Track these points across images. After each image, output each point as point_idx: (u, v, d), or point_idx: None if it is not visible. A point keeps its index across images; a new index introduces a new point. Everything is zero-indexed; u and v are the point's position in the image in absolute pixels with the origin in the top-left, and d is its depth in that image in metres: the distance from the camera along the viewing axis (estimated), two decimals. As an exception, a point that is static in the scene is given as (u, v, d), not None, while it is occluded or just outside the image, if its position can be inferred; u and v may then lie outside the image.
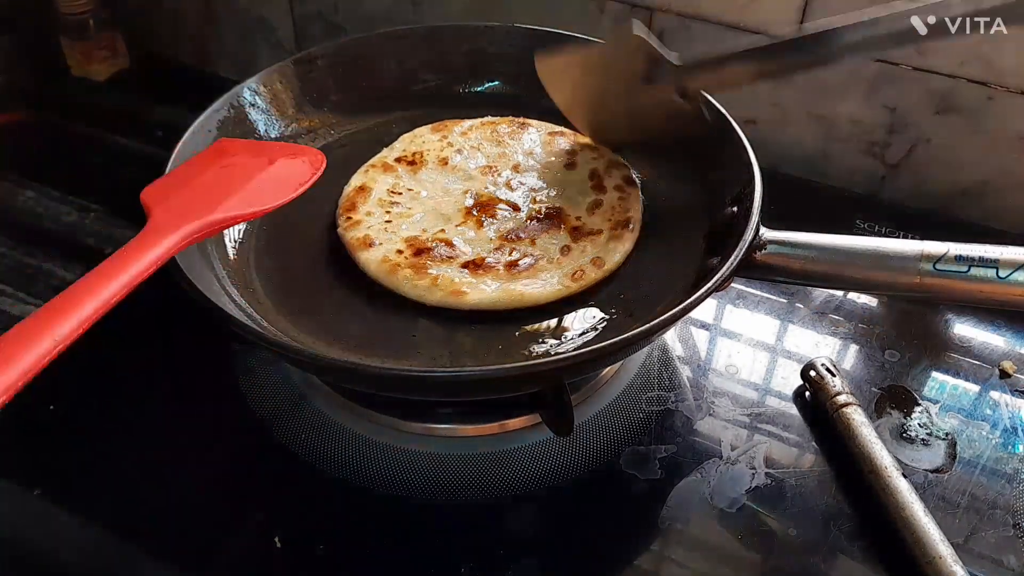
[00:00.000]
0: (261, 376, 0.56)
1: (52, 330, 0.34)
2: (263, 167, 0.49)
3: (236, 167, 0.48)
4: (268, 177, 0.48)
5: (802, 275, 0.49)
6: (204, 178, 0.46)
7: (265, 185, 0.47)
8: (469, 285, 0.51)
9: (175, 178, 0.46)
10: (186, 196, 0.44)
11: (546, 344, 0.50)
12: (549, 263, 0.53)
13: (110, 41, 0.92)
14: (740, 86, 0.56)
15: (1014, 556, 0.47)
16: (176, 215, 0.42)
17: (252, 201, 0.46)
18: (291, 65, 0.65)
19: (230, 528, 0.49)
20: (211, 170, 0.47)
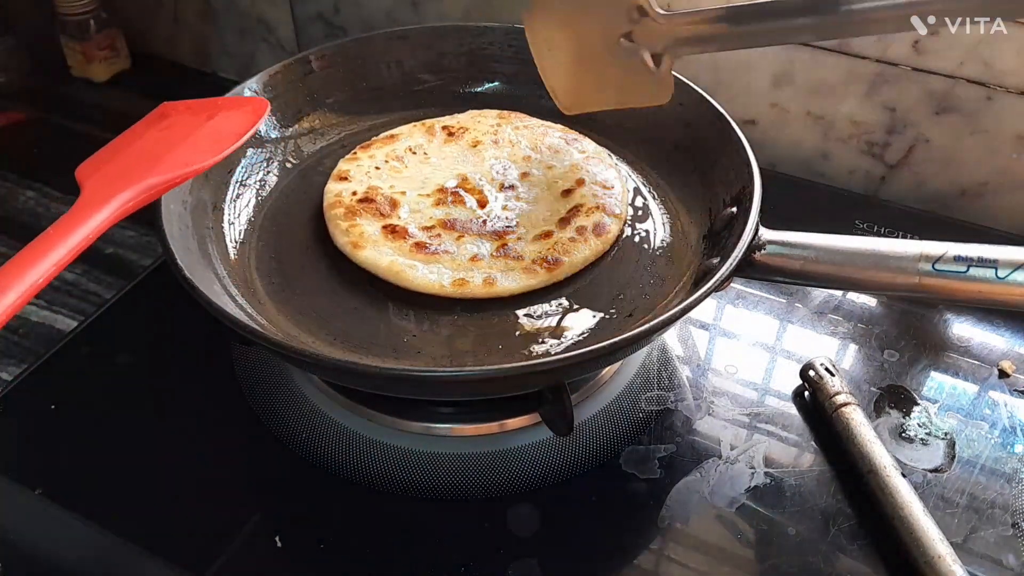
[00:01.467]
0: (261, 375, 0.56)
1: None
2: (201, 124, 0.46)
3: (174, 127, 0.45)
4: (207, 133, 0.45)
5: (801, 275, 0.49)
6: (140, 144, 0.44)
7: (203, 141, 0.44)
8: (372, 244, 0.53)
9: (111, 149, 0.43)
10: (119, 165, 0.42)
11: (546, 344, 0.50)
12: (452, 260, 0.53)
13: (110, 41, 0.92)
14: (725, 48, 0.53)
15: (1013, 556, 0.47)
16: (109, 186, 0.40)
17: (189, 159, 0.43)
18: (291, 65, 0.65)
19: (230, 528, 0.49)
20: (148, 134, 0.45)
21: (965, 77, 0.66)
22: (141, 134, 0.45)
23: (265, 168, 0.62)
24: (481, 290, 0.51)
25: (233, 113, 0.48)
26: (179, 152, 0.43)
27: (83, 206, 0.39)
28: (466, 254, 0.54)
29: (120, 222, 0.45)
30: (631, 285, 0.54)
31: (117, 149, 0.44)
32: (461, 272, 0.52)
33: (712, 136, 0.58)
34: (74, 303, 0.65)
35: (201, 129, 0.45)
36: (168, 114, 0.48)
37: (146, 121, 0.47)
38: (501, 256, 0.53)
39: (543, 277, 0.52)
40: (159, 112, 0.48)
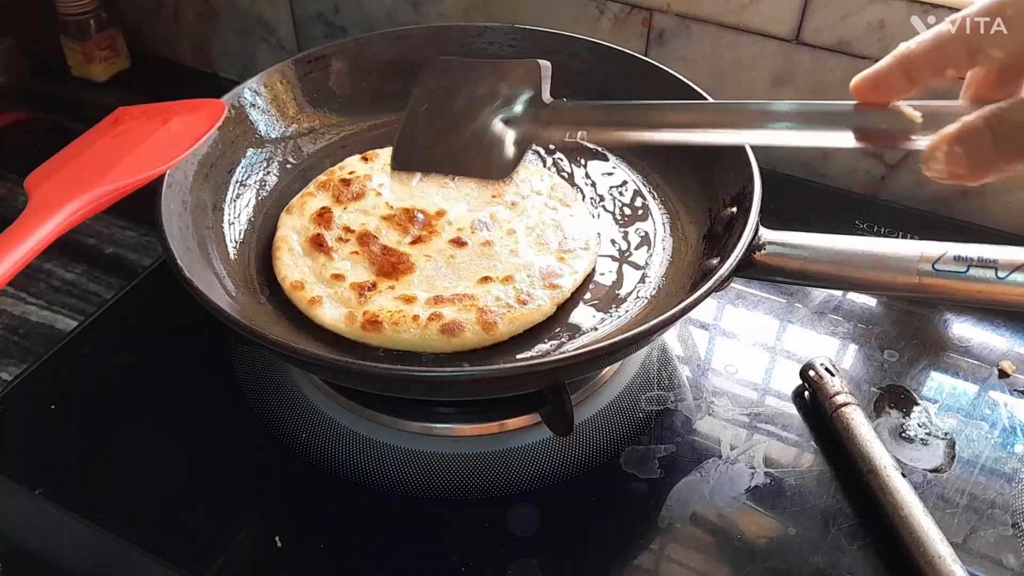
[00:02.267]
0: (262, 376, 0.56)
1: None
2: (156, 128, 0.45)
3: (127, 133, 0.44)
4: (161, 138, 0.44)
5: (801, 275, 0.49)
6: (91, 152, 0.42)
7: (158, 146, 0.43)
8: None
9: (61, 157, 0.42)
10: (69, 173, 0.41)
11: (546, 344, 0.50)
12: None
13: (110, 41, 0.92)
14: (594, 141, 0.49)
15: (1013, 556, 0.47)
16: (58, 194, 0.39)
17: (142, 166, 0.42)
18: (291, 65, 0.65)
19: (230, 528, 0.49)
20: (100, 142, 0.43)
21: (965, 77, 0.66)
22: (93, 141, 0.44)
23: (265, 168, 0.62)
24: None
25: (189, 117, 0.47)
26: (131, 159, 0.42)
27: (30, 216, 0.38)
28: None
29: (120, 222, 0.44)
30: (630, 285, 0.54)
31: (68, 157, 0.43)
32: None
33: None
34: (74, 303, 0.65)
35: (155, 135, 0.44)
36: (122, 120, 0.46)
37: (99, 128, 0.46)
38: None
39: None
40: (113, 118, 0.46)
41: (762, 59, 0.72)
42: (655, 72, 0.62)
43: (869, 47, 0.68)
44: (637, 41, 0.76)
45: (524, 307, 0.50)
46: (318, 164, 0.64)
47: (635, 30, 0.75)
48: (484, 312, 0.49)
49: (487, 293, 0.51)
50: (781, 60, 0.71)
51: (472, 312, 0.50)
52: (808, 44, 0.70)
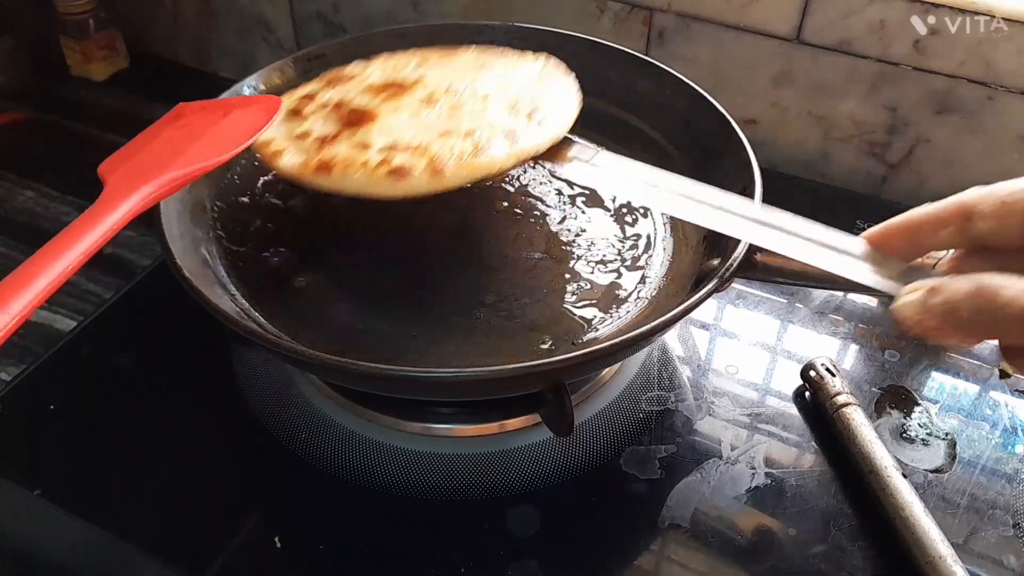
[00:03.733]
0: (261, 376, 0.56)
1: (6, 306, 0.34)
2: (216, 121, 0.47)
3: (190, 125, 0.47)
4: (222, 129, 0.47)
5: (802, 276, 0.49)
6: (158, 141, 0.45)
7: (220, 137, 0.46)
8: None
9: (131, 147, 0.45)
10: (140, 161, 0.43)
11: (546, 344, 0.50)
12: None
13: (110, 41, 0.92)
14: None
15: (1014, 556, 0.47)
16: (131, 180, 0.42)
17: (207, 154, 0.44)
18: (290, 63, 0.65)
19: (230, 528, 0.49)
20: (165, 132, 0.46)
21: (966, 77, 0.66)
22: (158, 132, 0.47)
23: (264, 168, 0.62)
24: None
25: (247, 111, 0.49)
26: (197, 147, 0.45)
27: (108, 199, 0.41)
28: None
29: None
30: (630, 286, 0.54)
31: (137, 147, 0.46)
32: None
33: (712, 135, 0.58)
34: (73, 303, 0.65)
35: (217, 126, 0.47)
36: (183, 114, 0.50)
37: (163, 121, 0.49)
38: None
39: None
40: (175, 112, 0.50)
41: (763, 58, 0.72)
42: (655, 71, 0.62)
43: (870, 47, 0.68)
44: (637, 40, 0.76)
45: (477, 157, 0.47)
46: (318, 164, 0.64)
47: (635, 29, 0.75)
48: (435, 159, 0.47)
49: (444, 143, 0.48)
50: (782, 60, 0.71)
51: (423, 158, 0.47)
52: (809, 44, 0.70)
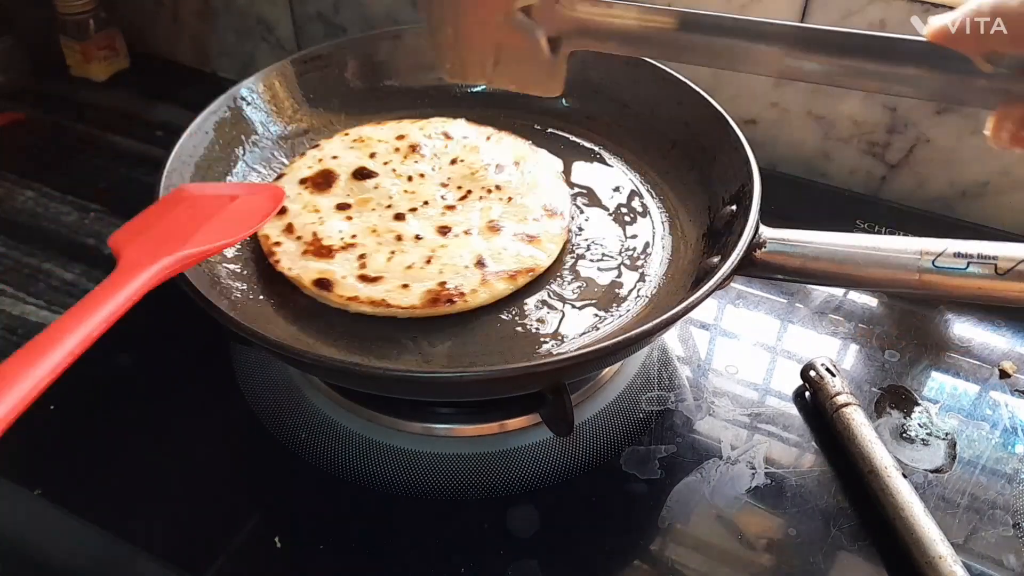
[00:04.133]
0: (261, 376, 0.56)
1: (31, 370, 0.36)
2: (225, 204, 0.50)
3: (200, 206, 0.50)
4: (232, 212, 0.49)
5: (802, 273, 0.49)
6: (170, 218, 0.48)
7: (230, 219, 0.49)
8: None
9: (140, 222, 0.48)
10: (154, 235, 0.46)
11: (546, 344, 0.50)
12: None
13: (110, 41, 0.92)
14: (625, 51, 0.47)
15: (1014, 556, 0.47)
16: (148, 252, 0.44)
17: (220, 234, 0.47)
18: (290, 65, 0.65)
19: (230, 528, 0.49)
20: (176, 211, 0.49)
21: (966, 76, 0.66)
22: (167, 211, 0.49)
23: (263, 167, 0.62)
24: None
25: (253, 198, 0.52)
26: (210, 227, 0.47)
27: (126, 269, 0.42)
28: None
29: (120, 222, 0.46)
30: (630, 285, 0.54)
31: (147, 223, 0.48)
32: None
33: (710, 134, 0.58)
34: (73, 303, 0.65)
35: (226, 209, 0.49)
36: (186, 196, 0.52)
37: (167, 201, 0.51)
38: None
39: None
40: (177, 194, 0.52)
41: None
42: (654, 72, 0.62)
43: (870, 46, 0.68)
44: (637, 40, 0.75)
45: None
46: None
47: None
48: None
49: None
50: (781, 59, 0.71)
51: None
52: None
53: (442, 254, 0.53)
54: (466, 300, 0.51)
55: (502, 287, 0.52)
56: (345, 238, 0.55)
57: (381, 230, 0.55)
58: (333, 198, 0.58)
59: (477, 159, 0.61)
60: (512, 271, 0.53)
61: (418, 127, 0.64)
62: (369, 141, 0.63)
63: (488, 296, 0.51)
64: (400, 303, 0.50)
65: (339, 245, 0.54)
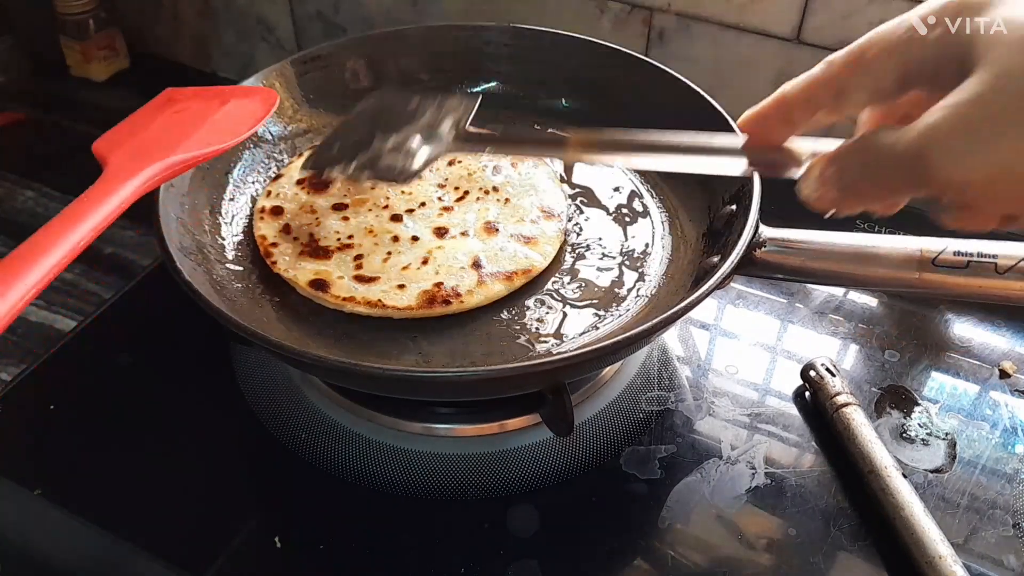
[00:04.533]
0: (261, 376, 0.56)
1: (20, 279, 0.34)
2: (216, 109, 0.47)
3: (188, 111, 0.46)
4: (222, 118, 0.46)
5: (802, 272, 0.49)
6: (157, 124, 0.44)
7: (219, 126, 0.46)
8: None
9: (126, 128, 0.44)
10: (141, 142, 0.43)
11: (546, 344, 0.50)
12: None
13: (110, 41, 0.92)
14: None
15: (1014, 556, 0.47)
16: (134, 160, 0.41)
17: (209, 140, 0.44)
18: (289, 65, 0.65)
19: (230, 528, 0.49)
20: (163, 116, 0.45)
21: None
22: (154, 116, 0.46)
23: (263, 168, 0.62)
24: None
25: (244, 101, 0.49)
26: (200, 134, 0.44)
27: (111, 178, 0.40)
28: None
29: (120, 222, 0.45)
30: (630, 285, 0.54)
31: (133, 128, 0.45)
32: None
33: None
34: (73, 303, 0.65)
35: (216, 113, 0.46)
36: (176, 99, 0.49)
37: (154, 105, 0.48)
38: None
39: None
40: (165, 97, 0.48)
41: (763, 59, 0.72)
42: (655, 72, 0.62)
43: (870, 46, 0.68)
44: (637, 41, 0.76)
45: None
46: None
47: (635, 30, 0.75)
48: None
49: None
50: (782, 60, 0.71)
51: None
52: (809, 44, 0.70)
53: (438, 255, 0.53)
54: (462, 301, 0.51)
55: (498, 288, 0.52)
56: (342, 239, 0.55)
57: (378, 231, 0.55)
58: (330, 198, 0.58)
59: (474, 161, 0.61)
60: (508, 272, 0.53)
61: None
62: None
63: (484, 297, 0.51)
64: (396, 304, 0.50)
65: (335, 246, 0.54)
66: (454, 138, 0.48)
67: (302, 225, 0.56)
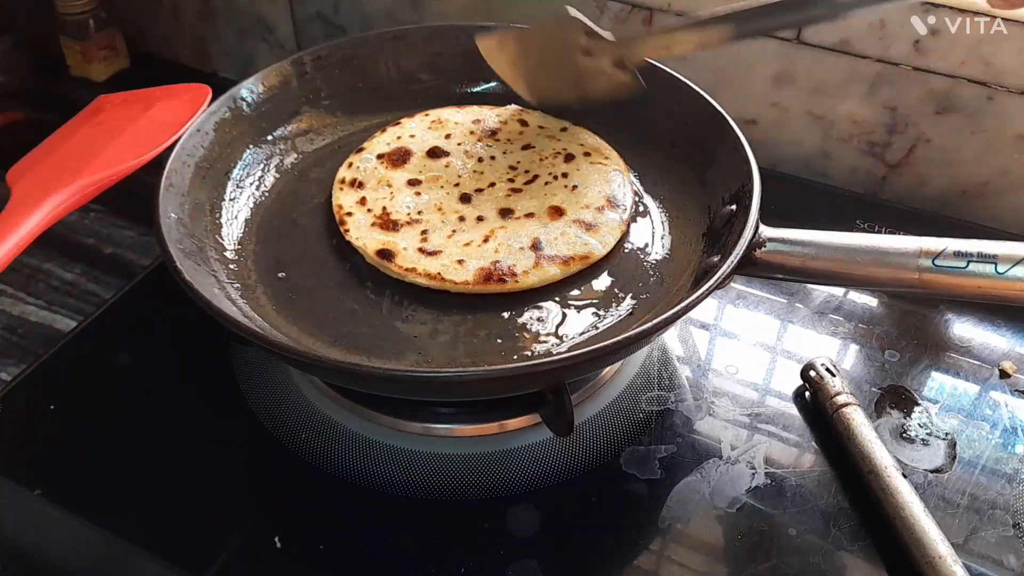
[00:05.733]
0: (261, 376, 0.56)
1: None
2: (138, 116, 0.44)
3: (108, 123, 0.44)
4: (144, 126, 0.44)
5: (802, 272, 0.49)
6: (72, 142, 0.42)
7: (140, 135, 0.43)
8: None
9: (44, 148, 0.41)
10: (52, 165, 0.40)
11: (547, 344, 0.50)
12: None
13: (109, 41, 0.92)
14: (681, 54, 0.56)
15: (1014, 556, 0.47)
16: (40, 188, 0.38)
17: (125, 155, 0.41)
18: (289, 65, 0.65)
19: (230, 528, 0.49)
20: (84, 129, 0.43)
21: (966, 77, 0.66)
22: (75, 131, 0.43)
23: (263, 168, 0.62)
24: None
25: (172, 103, 0.46)
26: (113, 148, 0.42)
27: (12, 212, 0.37)
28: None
29: (120, 222, 0.44)
30: (630, 284, 0.54)
31: (49, 149, 0.42)
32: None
33: (710, 134, 0.58)
34: (73, 303, 0.65)
35: (137, 122, 0.44)
36: (103, 108, 0.46)
37: (80, 117, 0.45)
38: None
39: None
40: (94, 107, 0.45)
41: (762, 59, 0.72)
42: (654, 72, 0.62)
43: (870, 47, 0.68)
44: (637, 40, 0.75)
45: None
46: (316, 164, 0.64)
47: (636, 29, 0.75)
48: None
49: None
50: (782, 60, 0.71)
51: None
52: (809, 44, 0.70)
53: (500, 234, 0.55)
54: (517, 281, 0.52)
55: (553, 271, 0.52)
56: (411, 213, 0.57)
57: (446, 208, 0.57)
58: (405, 173, 0.60)
59: (548, 146, 0.62)
60: (566, 256, 0.53)
61: (495, 113, 0.66)
62: (447, 123, 0.65)
63: (538, 279, 0.52)
64: (455, 278, 0.51)
65: (405, 220, 0.56)
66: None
67: (377, 199, 0.58)
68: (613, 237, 0.55)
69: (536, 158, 0.61)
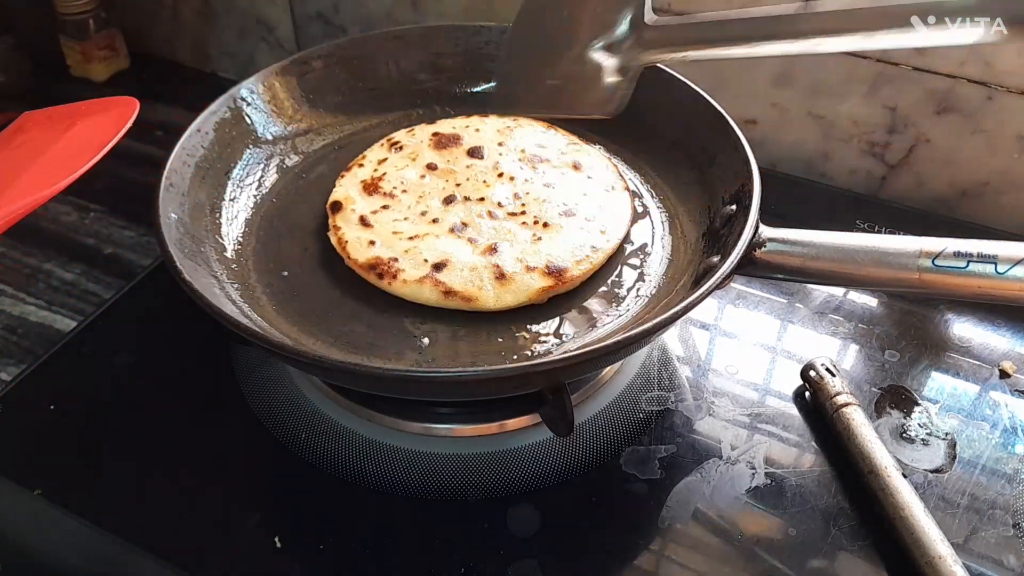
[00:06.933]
0: (261, 376, 0.56)
1: None
2: (58, 136, 0.41)
3: (27, 145, 0.40)
4: (64, 147, 0.40)
5: (802, 272, 0.49)
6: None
7: (59, 157, 0.39)
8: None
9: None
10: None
11: (546, 344, 0.50)
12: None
13: (109, 41, 0.92)
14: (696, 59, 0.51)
15: (1014, 556, 0.47)
16: None
17: (43, 181, 0.38)
18: (290, 65, 0.65)
19: (230, 528, 0.49)
20: (3, 153, 0.40)
21: (966, 77, 0.66)
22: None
23: (263, 168, 0.62)
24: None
25: (96, 119, 0.43)
26: (32, 173, 0.39)
27: None
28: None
29: (120, 223, 0.44)
30: (630, 285, 0.54)
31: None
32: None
33: (710, 134, 0.58)
34: (73, 303, 0.65)
35: (57, 143, 0.41)
36: (25, 127, 0.43)
37: (3, 138, 0.42)
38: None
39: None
40: (16, 125, 0.42)
41: (762, 59, 0.72)
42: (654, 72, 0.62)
43: (870, 46, 0.68)
44: (637, 40, 0.75)
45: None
46: (316, 164, 0.64)
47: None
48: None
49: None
50: (782, 60, 0.71)
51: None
52: (808, 43, 0.70)
53: (503, 247, 0.53)
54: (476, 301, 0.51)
55: (545, 283, 0.51)
56: (411, 223, 0.55)
57: (441, 219, 0.56)
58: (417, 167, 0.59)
59: (550, 192, 0.58)
60: (562, 267, 0.52)
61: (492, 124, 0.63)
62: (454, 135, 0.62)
63: (526, 299, 0.51)
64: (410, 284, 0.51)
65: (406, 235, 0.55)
66: (638, 42, 0.45)
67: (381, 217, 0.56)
68: (593, 266, 0.53)
69: (536, 178, 0.59)
